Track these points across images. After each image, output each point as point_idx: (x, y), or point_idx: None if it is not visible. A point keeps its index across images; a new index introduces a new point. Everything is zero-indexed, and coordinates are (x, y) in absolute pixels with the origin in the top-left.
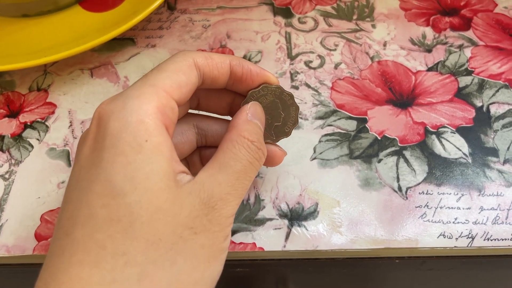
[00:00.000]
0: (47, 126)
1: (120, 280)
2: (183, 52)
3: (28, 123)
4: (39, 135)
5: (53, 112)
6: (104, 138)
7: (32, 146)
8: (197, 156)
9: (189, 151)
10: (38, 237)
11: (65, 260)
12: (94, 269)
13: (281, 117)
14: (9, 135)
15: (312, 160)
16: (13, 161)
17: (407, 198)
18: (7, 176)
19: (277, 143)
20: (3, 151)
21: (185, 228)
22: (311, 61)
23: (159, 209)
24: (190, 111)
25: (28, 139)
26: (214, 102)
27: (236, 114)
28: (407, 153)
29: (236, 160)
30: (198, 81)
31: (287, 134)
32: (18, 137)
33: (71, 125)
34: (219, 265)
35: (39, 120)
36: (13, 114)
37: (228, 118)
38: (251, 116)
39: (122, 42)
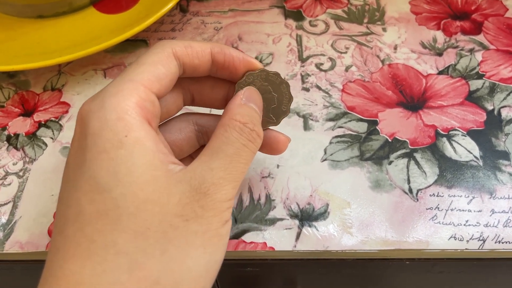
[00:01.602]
0: (60, 125)
1: (110, 270)
2: (162, 42)
3: (42, 122)
4: (53, 133)
5: (66, 112)
6: (85, 138)
7: (46, 145)
8: None
9: (189, 149)
10: (51, 234)
11: (59, 257)
12: (86, 261)
13: (274, 98)
14: (24, 134)
15: (322, 161)
16: (27, 159)
17: (417, 200)
18: (21, 173)
19: (281, 132)
20: (17, 149)
21: (174, 216)
22: (322, 64)
23: (146, 200)
24: (188, 108)
25: (42, 138)
26: (209, 96)
27: (230, 100)
28: (417, 156)
29: (228, 144)
30: (178, 71)
31: (286, 112)
32: (32, 136)
33: None
34: (218, 253)
35: (53, 119)
36: (27, 113)
37: None
38: (245, 100)
39: (135, 43)
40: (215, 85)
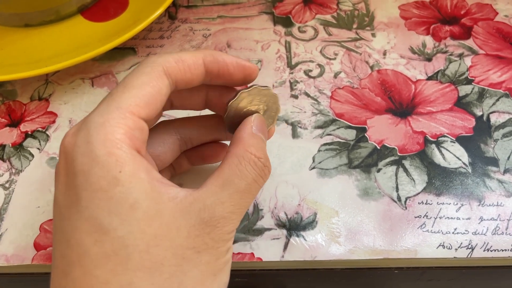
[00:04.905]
0: (47, 136)
1: None
2: (151, 59)
3: (29, 133)
4: (40, 144)
5: (53, 122)
6: (75, 175)
7: (32, 156)
8: (183, 158)
9: (172, 158)
10: (37, 246)
11: None
12: None
13: (261, 105)
14: (10, 145)
15: (311, 169)
16: (13, 170)
17: (406, 208)
18: (7, 185)
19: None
20: (3, 161)
21: (186, 249)
22: (310, 70)
23: (155, 235)
24: (168, 113)
25: (28, 149)
26: (188, 101)
27: (240, 126)
28: (406, 163)
29: (241, 178)
30: (169, 90)
31: (278, 109)
32: (18, 147)
33: None
34: (225, 276)
35: (40, 129)
36: (14, 123)
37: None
38: (255, 129)
39: (123, 51)
40: (193, 90)
